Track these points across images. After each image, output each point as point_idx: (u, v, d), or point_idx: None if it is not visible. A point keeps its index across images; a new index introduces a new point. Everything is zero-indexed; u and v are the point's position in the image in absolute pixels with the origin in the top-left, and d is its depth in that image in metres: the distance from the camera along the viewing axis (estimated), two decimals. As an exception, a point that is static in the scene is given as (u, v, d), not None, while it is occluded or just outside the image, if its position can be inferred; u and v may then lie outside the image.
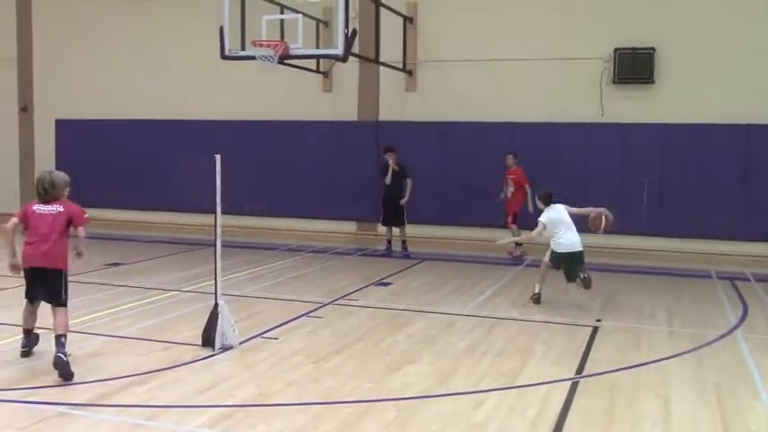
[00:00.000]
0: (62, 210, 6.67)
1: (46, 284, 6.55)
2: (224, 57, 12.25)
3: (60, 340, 6.35)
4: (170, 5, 17.20)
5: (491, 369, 6.78)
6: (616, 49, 14.21)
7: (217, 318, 7.20)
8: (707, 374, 6.79)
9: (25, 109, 18.73)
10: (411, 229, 14.04)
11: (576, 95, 14.58)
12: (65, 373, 6.17)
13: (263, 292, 10.19)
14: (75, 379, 6.17)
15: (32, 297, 6.63)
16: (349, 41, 11.55)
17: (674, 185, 14.14)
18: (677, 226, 14.12)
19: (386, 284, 10.97)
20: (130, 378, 6.28)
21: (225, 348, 7.15)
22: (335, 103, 16.16)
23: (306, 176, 16.20)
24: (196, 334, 7.37)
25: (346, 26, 11.45)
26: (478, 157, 15.00)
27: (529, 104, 14.82)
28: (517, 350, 7.42)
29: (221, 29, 12.12)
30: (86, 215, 6.82)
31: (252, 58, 11.82)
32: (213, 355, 6.98)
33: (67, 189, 6.92)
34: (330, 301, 9.64)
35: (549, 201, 9.93)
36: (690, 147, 14.03)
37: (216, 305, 7.24)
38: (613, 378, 6.59)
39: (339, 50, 11.57)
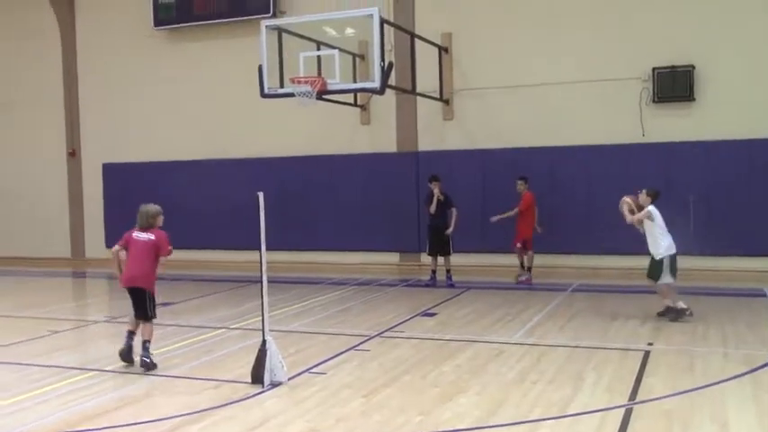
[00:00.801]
0: (153, 238, 8.01)
1: (136, 302, 8.05)
2: (264, 95, 12.48)
3: (145, 345, 7.92)
4: (210, 47, 17.60)
5: (542, 398, 6.69)
6: (654, 69, 14.11)
7: (265, 354, 7.25)
8: (766, 397, 6.61)
9: (73, 154, 19.26)
10: (454, 258, 14.00)
11: (615, 117, 14.48)
12: (149, 368, 7.82)
13: (309, 326, 10.24)
14: (129, 420, 6.26)
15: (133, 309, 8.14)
16: (385, 74, 11.68)
17: (721, 203, 13.90)
18: (726, 244, 13.84)
19: (431, 315, 10.94)
20: (184, 417, 6.36)
21: (274, 385, 7.19)
22: (374, 135, 16.29)
23: (348, 209, 16.31)
24: (245, 371, 7.43)
25: (382, 59, 11.60)
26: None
27: (568, 128, 14.75)
28: (568, 377, 7.32)
29: (260, 68, 12.37)
30: (170, 247, 8.09)
31: (291, 95, 12.02)
32: (263, 392, 7.03)
33: (160, 218, 8.16)
34: (376, 333, 9.64)
35: (656, 198, 10.45)
36: (735, 163, 13.80)
37: (264, 342, 7.30)
38: (668, 403, 6.45)
39: (376, 83, 11.71)
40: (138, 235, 8.03)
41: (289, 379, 7.34)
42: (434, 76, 14.99)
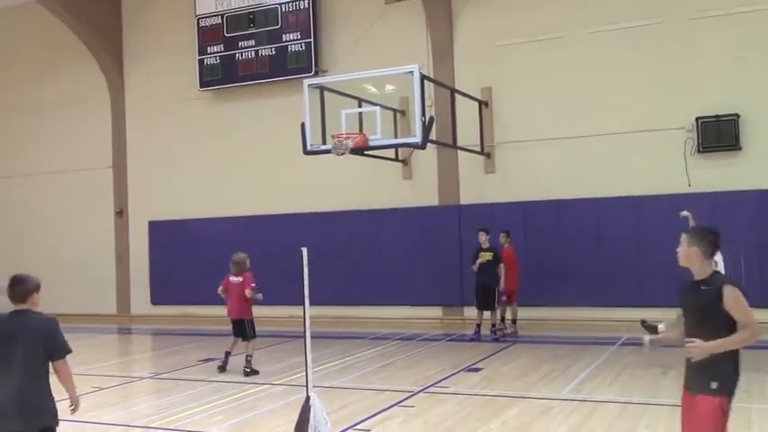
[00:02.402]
0: (241, 280, 10.97)
1: (238, 328, 11.07)
2: (306, 152, 12.64)
3: (248, 358, 10.83)
4: (254, 106, 17.98)
5: (593, 456, 6.48)
6: (698, 118, 13.98)
7: (309, 411, 7.16)
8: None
9: (121, 213, 19.68)
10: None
11: (660, 167, 14.32)
12: (252, 374, 10.60)
13: (353, 382, 10.14)
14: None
15: (234, 334, 11.20)
16: (426, 129, 11.76)
17: (772, 253, 13.54)
18: (781, 296, 13.43)
19: (476, 370, 10.76)
20: (227, 475, 6.29)
21: (318, 442, 7.08)
22: (416, 189, 16.35)
23: (391, 263, 16.29)
24: (289, 428, 7.34)
25: (423, 114, 11.70)
26: (561, 236, 14.81)
27: (611, 179, 14.62)
28: (619, 435, 7.09)
29: (303, 125, 12.56)
30: (253, 284, 10.96)
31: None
32: (307, 450, 6.92)
33: (247, 262, 11.12)
34: (420, 389, 9.50)
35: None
36: (786, 212, 13.49)
37: (307, 398, 7.22)
38: (727, 463, 6.18)
39: (417, 138, 11.79)
40: (233, 279, 11.07)
41: (333, 436, 7.24)
42: (475, 129, 15.06)
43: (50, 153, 20.40)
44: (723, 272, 10.17)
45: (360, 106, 13.22)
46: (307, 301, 7.40)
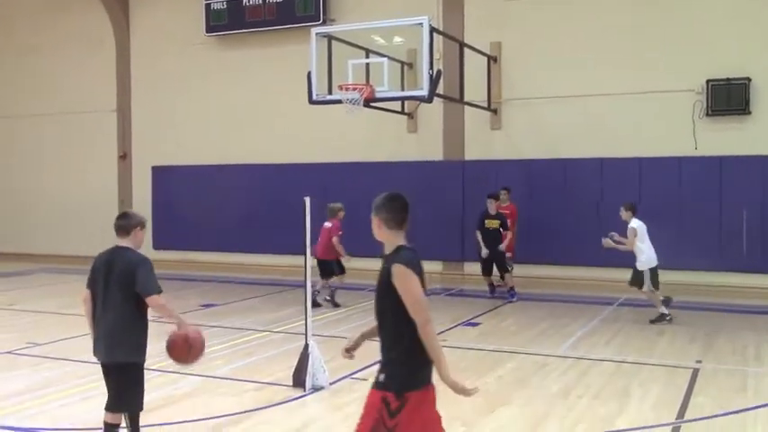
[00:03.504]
0: (330, 226, 12.12)
1: (322, 267, 12.15)
2: (312, 102, 12.56)
3: (333, 291, 12.43)
4: (260, 53, 17.77)
5: (587, 413, 6.57)
6: (708, 81, 13.82)
7: (307, 358, 7.26)
8: (821, 421, 6.39)
9: (124, 157, 19.63)
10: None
11: (667, 129, 14.21)
12: (335, 306, 12.27)
13: (351, 332, 10.15)
14: (171, 419, 6.29)
15: (320, 274, 12.15)
16: (434, 82, 11.65)
17: (775, 220, 13.52)
18: (781, 262, 13.46)
19: (474, 325, 10.85)
20: (225, 418, 6.39)
21: (315, 389, 7.19)
22: (421, 143, 16.26)
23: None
24: (287, 374, 7.44)
25: (431, 67, 11.58)
26: (565, 195, 14.77)
27: (618, 140, 14.52)
28: (614, 393, 7.17)
29: (309, 74, 12.44)
30: (340, 233, 12.17)
31: (338, 101, 12.06)
32: (304, 396, 7.04)
33: (341, 213, 12.36)
34: (419, 341, 9.57)
35: (635, 211, 11.05)
36: (791, 179, 13.43)
37: (306, 345, 7.30)
38: (718, 423, 6.28)
39: (424, 92, 11.69)
40: (325, 224, 12.09)
41: (330, 384, 7.33)
42: (482, 85, 14.91)
43: (53, 95, 20.24)
44: (645, 243, 10.77)
45: (367, 57, 13.08)
46: (308, 250, 7.43)
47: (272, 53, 17.56)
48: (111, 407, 5.26)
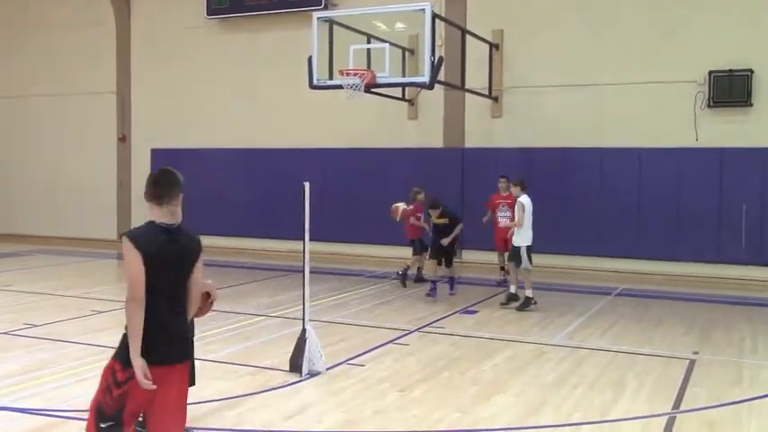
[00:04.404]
0: (411, 208, 12.71)
1: (412, 246, 13.22)
2: (312, 86, 12.51)
3: (406, 269, 12.95)
4: (261, 37, 17.71)
5: (582, 402, 6.58)
6: (711, 72, 13.78)
7: (304, 343, 7.26)
8: (816, 413, 6.40)
9: (123, 139, 19.59)
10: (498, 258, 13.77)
11: (669, 120, 14.19)
12: (419, 281, 13.02)
13: (349, 318, 10.25)
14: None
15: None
16: (435, 69, 11.60)
17: (775, 212, 13.53)
18: (779, 255, 13.48)
19: (471, 313, 10.86)
20: (221, 402, 6.40)
21: (312, 374, 7.20)
22: (421, 130, 16.23)
23: (391, 202, 16.23)
24: (284, 359, 7.45)
25: (432, 54, 11.52)
26: (564, 184, 14.76)
27: (619, 130, 14.49)
28: (609, 383, 7.19)
29: (310, 59, 12.39)
30: (419, 214, 12.70)
31: (339, 87, 12.01)
32: (300, 381, 7.05)
33: (420, 195, 12.93)
34: (416, 328, 9.60)
35: (524, 187, 11.12)
36: (792, 172, 13.42)
37: (304, 330, 7.31)
38: (713, 414, 6.29)
39: (425, 78, 11.64)
40: (410, 207, 12.71)
41: (327, 369, 7.34)
42: (484, 72, 14.86)
43: (52, 76, 20.14)
44: (528, 220, 10.88)
45: (369, 43, 13.03)
46: (307, 235, 7.41)
47: (272, 37, 17.49)
48: None
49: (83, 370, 7.28)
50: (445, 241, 11.82)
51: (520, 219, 10.91)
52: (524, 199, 11.01)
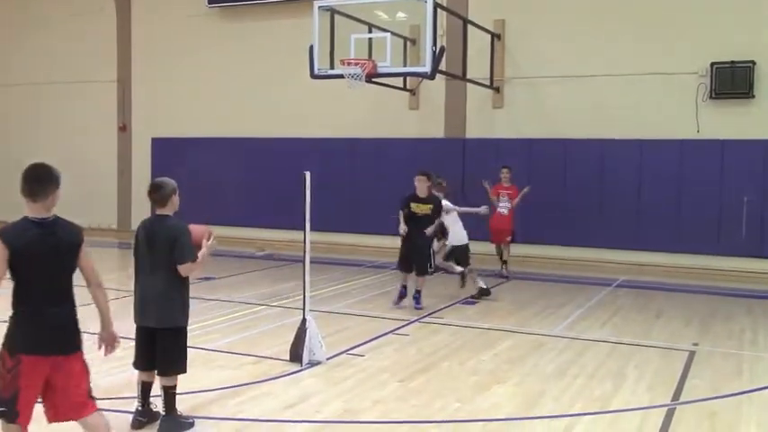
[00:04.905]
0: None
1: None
2: (313, 76, 12.47)
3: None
4: (262, 26, 17.64)
5: (582, 393, 6.59)
6: (713, 64, 13.72)
7: (305, 333, 7.27)
8: (815, 405, 6.41)
9: (124, 128, 19.55)
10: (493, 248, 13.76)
11: (670, 112, 14.14)
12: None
13: (349, 308, 10.25)
14: (178, 390, 6.30)
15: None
16: (436, 59, 11.56)
17: (775, 205, 13.51)
18: (780, 247, 13.47)
19: (472, 303, 10.86)
20: (221, 391, 6.41)
21: (312, 364, 7.21)
22: (422, 120, 16.19)
23: (392, 193, 16.17)
24: (284, 349, 7.46)
25: (434, 44, 11.47)
26: (565, 175, 14.74)
27: (620, 121, 14.44)
28: (609, 374, 7.20)
29: (311, 48, 12.35)
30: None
31: (340, 76, 11.98)
32: (301, 371, 7.06)
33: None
34: (416, 318, 9.61)
35: (444, 187, 11.25)
36: (793, 164, 13.40)
37: (304, 320, 7.32)
38: (713, 406, 6.30)
39: (427, 68, 11.60)
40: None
41: (327, 359, 7.35)
42: (486, 63, 14.80)
43: (52, 64, 20.06)
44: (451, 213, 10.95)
45: (370, 32, 12.98)
46: (307, 225, 7.41)
47: (274, 26, 17.42)
48: (164, 371, 5.50)
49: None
50: (429, 230, 10.02)
51: (439, 223, 10.56)
52: (446, 201, 10.92)
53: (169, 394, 5.50)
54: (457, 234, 11.06)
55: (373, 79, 12.51)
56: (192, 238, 5.45)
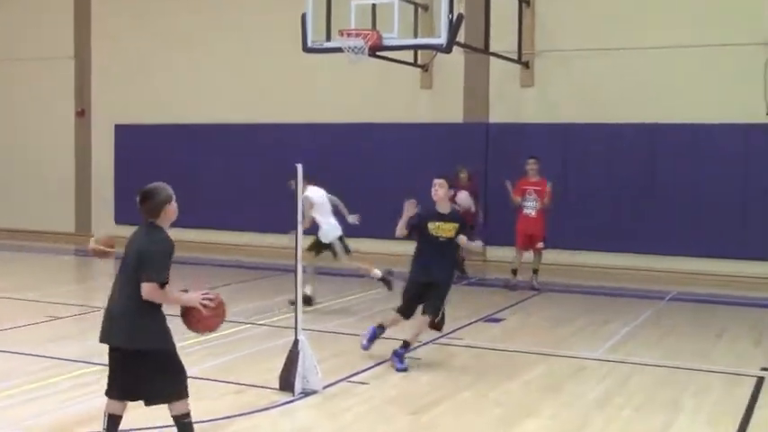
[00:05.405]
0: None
1: None
2: (306, 49, 12.51)
3: None
4: (244, -8, 17.72)
5: (629, 427, 6.60)
6: (784, 31, 13.75)
7: (297, 357, 7.27)
8: None
9: (82, 113, 19.63)
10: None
11: (731, 90, 14.15)
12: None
13: (350, 327, 10.26)
14: (137, 424, 6.33)
15: None
16: (453, 29, 11.60)
17: None
18: None
19: (497, 321, 10.88)
20: (200, 425, 6.40)
21: (306, 393, 7.22)
22: (437, 101, 16.22)
23: (402, 189, 16.17)
24: (273, 376, 7.46)
25: (450, 11, 11.51)
26: (608, 168, 14.75)
27: (672, 102, 14.47)
28: (661, 404, 7.20)
29: (303, 17, 12.38)
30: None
31: (339, 50, 12.01)
32: (293, 401, 7.06)
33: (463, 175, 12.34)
34: (430, 339, 9.59)
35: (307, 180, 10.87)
36: None
37: (296, 342, 7.32)
38: (785, 442, 6.30)
39: (441, 39, 11.64)
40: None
41: (324, 387, 7.36)
42: (513, 33, 14.85)
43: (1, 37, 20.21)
44: (317, 214, 11.22)
45: (374, -3, 13.02)
46: (300, 227, 7.42)
47: (259, -8, 17.48)
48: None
49: (38, 386, 7.32)
50: (473, 244, 8.95)
51: (308, 218, 10.75)
52: (310, 192, 11.05)
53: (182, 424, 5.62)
54: (329, 229, 11.45)
55: (378, 53, 12.53)
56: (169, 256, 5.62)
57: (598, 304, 12.15)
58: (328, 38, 12.45)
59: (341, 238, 11.53)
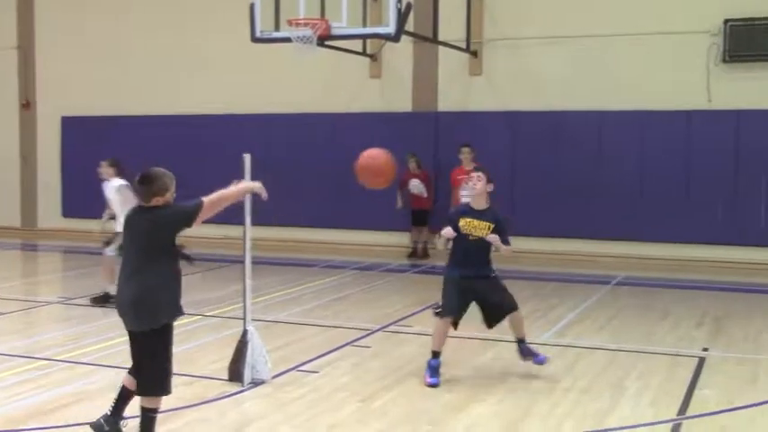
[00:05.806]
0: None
1: None
2: (255, 39, 12.45)
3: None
4: (191, -20, 17.55)
5: (575, 409, 6.70)
6: (726, 21, 13.96)
7: (246, 347, 7.28)
8: (842, 417, 6.60)
9: (27, 105, 19.31)
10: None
11: (676, 77, 14.36)
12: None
13: (300, 316, 10.28)
14: (83, 418, 6.29)
15: None
16: (402, 18, 11.63)
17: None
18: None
19: (447, 307, 10.92)
20: (146, 417, 6.39)
21: (255, 383, 7.22)
22: (386, 90, 16.24)
23: (350, 178, 16.19)
24: (222, 366, 7.47)
25: (399, 0, 11.52)
26: (556, 155, 14.90)
27: (619, 89, 14.65)
28: (607, 386, 7.33)
29: (252, 6, 12.32)
30: None
31: (287, 40, 11.98)
32: (242, 391, 7.07)
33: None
34: (379, 327, 9.67)
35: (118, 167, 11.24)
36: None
37: (245, 332, 7.32)
38: (724, 420, 6.45)
39: (390, 28, 11.67)
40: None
41: (273, 377, 7.37)
42: (461, 22, 14.90)
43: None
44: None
45: (322, -14, 12.98)
46: (248, 219, 7.42)
47: (206, -20, 17.33)
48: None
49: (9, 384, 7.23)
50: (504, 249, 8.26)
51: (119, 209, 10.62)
52: (117, 182, 11.00)
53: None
54: None
55: (326, 43, 12.52)
56: None
57: (545, 290, 12.30)
58: (277, 27, 12.40)
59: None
